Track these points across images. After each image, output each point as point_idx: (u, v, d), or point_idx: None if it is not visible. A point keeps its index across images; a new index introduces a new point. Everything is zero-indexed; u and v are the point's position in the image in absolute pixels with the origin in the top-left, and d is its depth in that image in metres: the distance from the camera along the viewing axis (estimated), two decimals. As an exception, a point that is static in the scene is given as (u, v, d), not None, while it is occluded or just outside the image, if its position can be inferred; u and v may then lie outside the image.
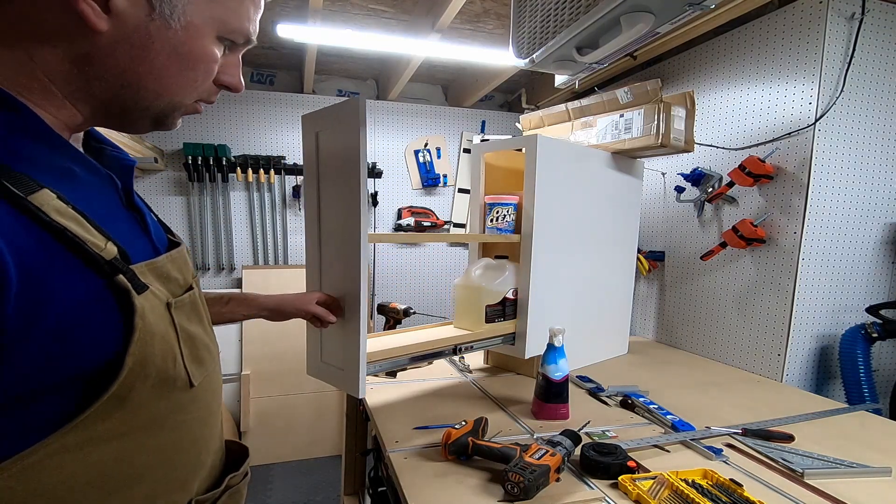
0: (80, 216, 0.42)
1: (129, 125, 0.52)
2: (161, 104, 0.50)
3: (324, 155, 1.08)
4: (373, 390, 1.42)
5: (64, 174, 0.45)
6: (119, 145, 0.56)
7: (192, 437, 0.55)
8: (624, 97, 1.58)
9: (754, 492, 0.88)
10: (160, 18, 0.45)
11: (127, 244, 0.46)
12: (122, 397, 0.44)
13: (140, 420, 0.46)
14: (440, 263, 3.27)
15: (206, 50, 0.50)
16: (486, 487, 0.90)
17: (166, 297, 0.49)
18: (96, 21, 0.42)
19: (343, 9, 2.10)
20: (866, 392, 1.45)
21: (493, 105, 3.40)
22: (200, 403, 0.55)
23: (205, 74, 0.51)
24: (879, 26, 1.48)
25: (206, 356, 0.56)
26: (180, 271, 0.54)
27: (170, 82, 0.49)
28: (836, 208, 1.53)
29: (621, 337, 1.89)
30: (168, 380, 0.48)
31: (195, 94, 0.53)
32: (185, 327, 0.52)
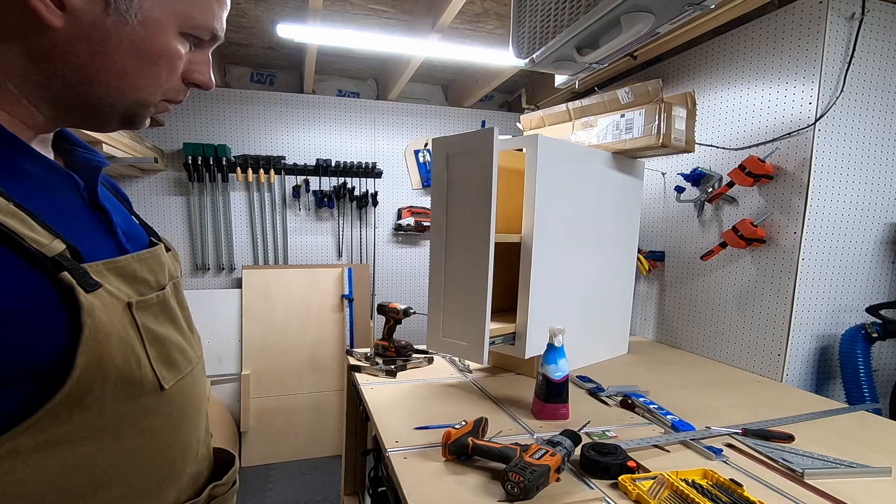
0: (25, 213, 0.41)
1: (95, 124, 0.52)
2: (126, 103, 0.50)
3: (454, 173, 1.36)
4: (373, 390, 1.43)
5: (12, 172, 0.44)
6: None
7: (163, 443, 0.52)
8: (625, 97, 1.58)
9: (754, 492, 0.88)
10: (116, 14, 0.45)
11: (81, 243, 0.45)
12: (79, 398, 0.42)
13: (102, 423, 0.45)
14: (440, 263, 3.27)
15: (167, 46, 0.49)
16: (486, 487, 0.90)
17: (128, 297, 0.48)
18: (50, 17, 0.42)
19: (343, 9, 2.10)
20: (866, 392, 1.45)
21: (493, 105, 3.40)
22: (173, 408, 0.53)
23: (169, 72, 0.51)
24: (879, 26, 1.48)
25: (179, 359, 0.54)
26: (152, 272, 0.53)
27: (132, 80, 0.48)
28: (836, 208, 1.53)
29: (621, 337, 1.89)
30: (132, 382, 0.47)
31: (161, 93, 0.52)
32: (152, 328, 0.50)
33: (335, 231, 3.06)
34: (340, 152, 3.02)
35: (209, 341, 2.81)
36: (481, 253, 1.30)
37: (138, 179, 2.73)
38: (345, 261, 3.10)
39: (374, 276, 3.13)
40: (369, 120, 3.05)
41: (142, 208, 2.74)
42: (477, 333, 1.32)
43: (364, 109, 3.04)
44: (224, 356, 2.84)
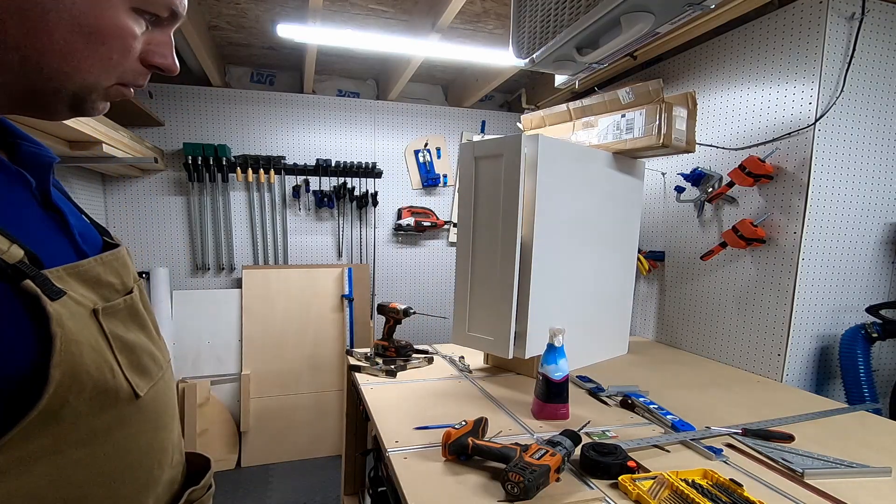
0: None
1: (41, 111, 0.47)
2: (72, 86, 0.45)
3: (482, 176, 1.44)
4: (373, 390, 1.43)
5: None
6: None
7: (140, 451, 0.51)
8: (625, 97, 1.58)
9: (754, 492, 0.88)
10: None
11: (38, 247, 0.42)
12: (54, 412, 0.40)
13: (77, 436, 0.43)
14: (440, 263, 3.27)
15: (116, 22, 0.44)
16: (486, 487, 0.90)
17: (93, 303, 0.45)
18: None
19: (343, 9, 2.10)
20: (866, 392, 1.45)
21: (493, 105, 3.40)
22: (149, 415, 0.51)
23: (121, 52, 0.46)
24: (879, 26, 1.48)
25: (150, 365, 0.52)
26: (117, 275, 0.50)
27: (78, 61, 0.44)
28: (836, 208, 1.53)
29: (621, 337, 1.89)
30: (108, 392, 0.44)
31: (114, 75, 0.47)
32: (120, 335, 0.47)
33: (335, 231, 3.06)
34: (340, 152, 3.02)
35: (209, 341, 2.81)
36: (508, 251, 1.38)
37: (138, 179, 2.73)
38: (345, 261, 3.10)
39: (374, 276, 3.13)
40: (369, 120, 3.05)
41: (142, 208, 2.74)
42: (503, 329, 1.41)
43: (364, 109, 3.04)
44: (224, 356, 2.84)
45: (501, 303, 1.41)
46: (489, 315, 1.45)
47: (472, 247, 1.49)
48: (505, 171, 1.38)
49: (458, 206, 1.50)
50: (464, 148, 1.49)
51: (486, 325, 1.47)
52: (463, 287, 1.52)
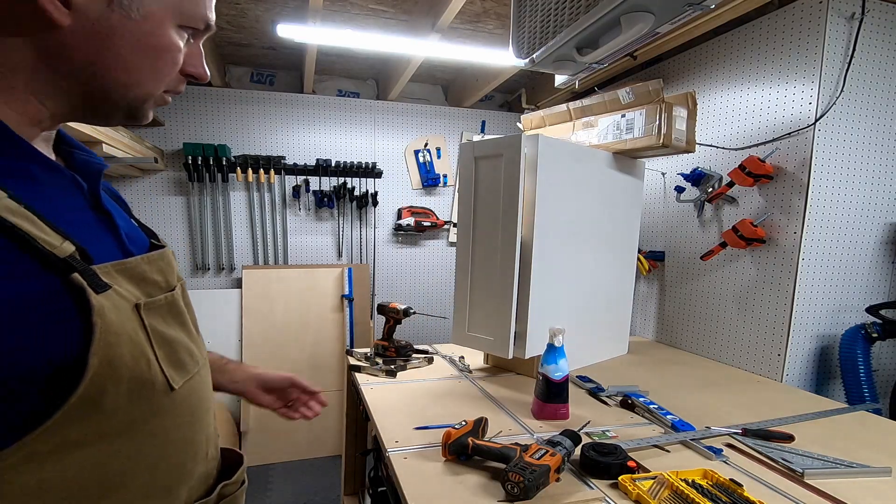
0: (35, 215, 0.42)
1: (100, 118, 0.52)
2: (131, 96, 0.50)
3: (482, 176, 1.44)
4: (373, 390, 1.42)
5: (21, 175, 0.45)
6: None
7: (175, 443, 0.53)
8: (625, 97, 1.58)
9: (754, 492, 0.88)
10: (119, 10, 0.45)
11: (89, 245, 0.45)
12: (94, 400, 0.42)
13: (116, 424, 0.45)
14: (440, 263, 3.27)
15: (169, 39, 0.50)
16: (486, 487, 0.90)
17: (136, 298, 0.48)
18: (58, 16, 0.42)
19: (343, 9, 2.10)
20: (866, 392, 1.45)
21: (493, 105, 3.40)
22: (184, 409, 0.54)
23: (171, 64, 0.52)
24: (879, 26, 1.48)
25: (187, 360, 0.55)
26: (161, 273, 0.54)
27: (138, 74, 0.49)
28: (836, 208, 1.53)
29: (621, 337, 1.89)
30: (144, 383, 0.47)
31: (163, 85, 0.52)
32: (160, 329, 0.50)
33: (335, 231, 3.06)
34: (340, 152, 3.02)
35: (209, 341, 2.79)
36: (507, 252, 1.38)
37: (138, 179, 2.73)
38: (345, 261, 3.10)
39: (374, 276, 3.13)
40: (369, 120, 3.05)
41: (142, 208, 2.74)
42: (503, 329, 1.41)
43: (364, 109, 3.04)
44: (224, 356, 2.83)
45: (501, 303, 1.41)
46: (489, 315, 1.45)
47: (472, 247, 1.48)
48: (505, 171, 1.37)
49: (457, 206, 1.49)
50: (464, 148, 1.49)
51: (485, 325, 1.47)
52: (463, 287, 1.52)
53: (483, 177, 1.45)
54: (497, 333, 1.43)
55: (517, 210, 1.35)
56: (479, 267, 1.48)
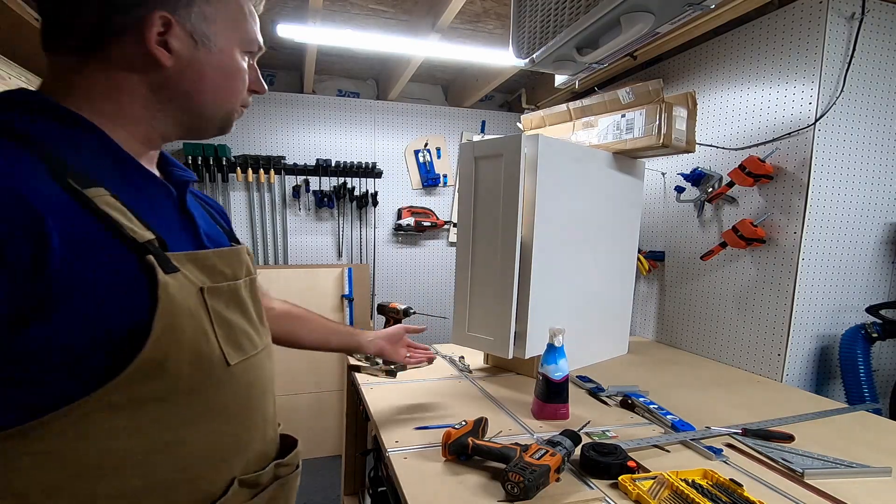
0: (128, 210, 0.52)
1: (199, 133, 0.66)
2: (221, 113, 0.64)
3: (482, 176, 1.44)
4: (373, 390, 1.43)
5: (124, 181, 0.56)
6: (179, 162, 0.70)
7: (230, 417, 0.61)
8: (625, 97, 1.58)
9: (754, 492, 0.88)
10: (203, 48, 0.59)
11: (168, 237, 0.55)
12: (159, 363, 0.51)
13: (179, 389, 0.54)
14: (440, 263, 3.27)
15: (239, 64, 0.64)
16: (486, 487, 0.90)
17: (202, 283, 0.57)
18: (165, 60, 0.56)
19: (343, 9, 2.10)
20: (866, 392, 1.45)
21: (493, 105, 3.40)
22: (239, 384, 0.62)
23: (242, 84, 0.65)
24: (879, 26, 1.48)
25: (245, 343, 0.63)
26: (230, 266, 0.64)
27: (223, 95, 0.63)
28: (836, 208, 1.53)
29: (621, 337, 1.89)
30: (202, 355, 0.56)
31: (239, 101, 0.66)
32: (220, 311, 0.59)
33: (335, 231, 3.06)
34: (340, 152, 3.02)
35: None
36: (507, 252, 1.37)
37: (138, 179, 2.73)
38: (345, 261, 3.10)
39: (374, 276, 3.13)
40: (369, 120, 3.05)
41: (142, 208, 2.74)
42: (503, 329, 1.40)
43: (364, 109, 3.04)
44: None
45: (501, 303, 1.41)
46: (489, 315, 1.45)
47: (472, 247, 1.48)
48: (505, 171, 1.37)
49: (457, 206, 1.50)
50: (464, 148, 1.48)
51: (485, 325, 1.46)
52: (463, 287, 1.52)
53: (483, 177, 1.44)
54: (497, 333, 1.43)
55: (517, 210, 1.35)
56: (479, 267, 1.47)
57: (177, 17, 0.56)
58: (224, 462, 0.60)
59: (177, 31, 0.56)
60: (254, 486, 0.64)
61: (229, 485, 0.60)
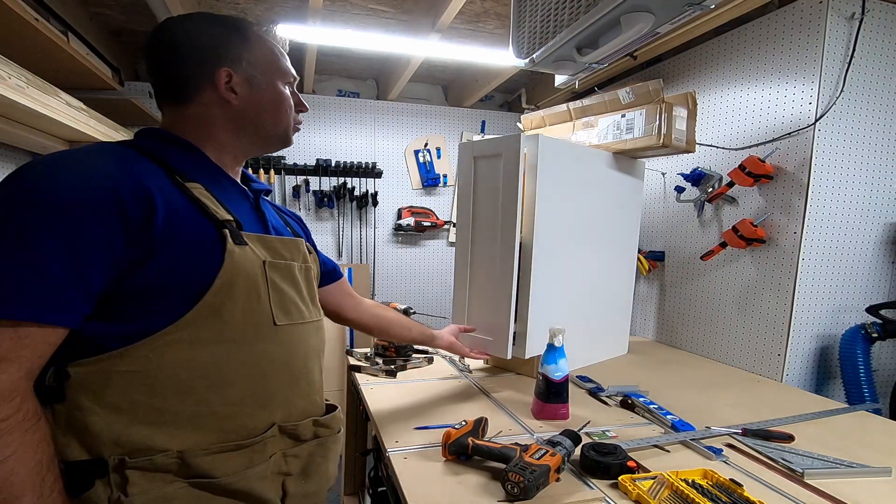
0: (215, 199, 0.73)
1: (268, 148, 0.86)
2: (279, 130, 0.84)
3: (481, 176, 1.44)
4: (373, 390, 1.42)
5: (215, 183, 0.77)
6: None
7: (273, 369, 0.75)
8: (625, 97, 1.58)
9: (754, 492, 0.88)
10: (256, 87, 0.79)
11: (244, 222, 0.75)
12: (216, 309, 0.67)
13: (231, 334, 0.69)
14: (440, 263, 3.27)
15: (283, 94, 0.83)
16: (486, 487, 0.90)
17: (264, 257, 0.75)
18: (233, 100, 0.78)
19: (343, 9, 2.10)
20: (866, 392, 1.45)
21: (493, 105, 3.40)
22: (284, 343, 0.77)
23: (289, 107, 0.84)
24: (879, 26, 1.48)
25: (294, 312, 0.79)
26: (289, 251, 0.81)
27: (276, 118, 0.83)
28: (836, 208, 1.53)
29: (621, 337, 1.89)
30: (252, 310, 0.72)
31: (292, 120, 0.85)
32: (276, 281, 0.76)
33: (335, 231, 3.06)
34: (340, 152, 3.02)
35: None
36: (506, 252, 1.37)
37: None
38: (345, 261, 3.10)
39: (374, 276, 3.13)
40: (369, 120, 3.05)
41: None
42: (502, 329, 1.40)
43: (364, 109, 3.04)
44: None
45: (500, 303, 1.40)
46: (488, 315, 1.45)
47: (471, 247, 1.48)
48: (504, 171, 1.36)
49: (457, 206, 1.49)
50: (463, 148, 1.48)
51: (484, 326, 1.46)
52: (462, 287, 1.52)
53: (482, 177, 1.44)
54: (496, 334, 1.43)
55: (516, 210, 1.34)
56: (478, 267, 1.47)
57: (234, 69, 0.77)
58: (265, 408, 0.74)
59: (236, 79, 0.77)
60: (294, 437, 0.78)
61: (269, 427, 0.74)
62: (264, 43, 0.82)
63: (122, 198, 0.62)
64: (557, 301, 1.51)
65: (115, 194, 0.62)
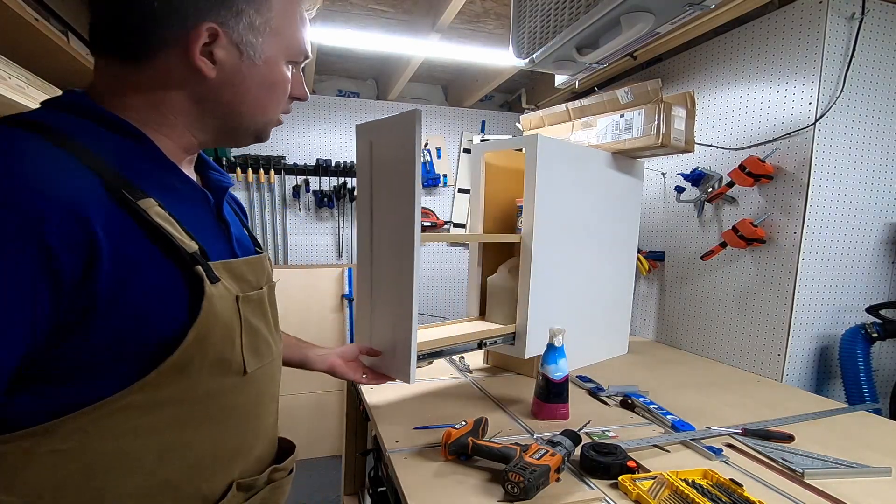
0: (174, 220, 0.53)
1: (236, 142, 0.66)
2: (258, 123, 0.64)
3: (378, 163, 1.15)
4: (373, 390, 1.42)
5: (167, 189, 0.56)
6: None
7: (239, 421, 0.62)
8: (624, 97, 1.58)
9: (754, 492, 0.88)
10: (248, 60, 0.58)
11: (207, 245, 0.56)
12: (181, 368, 0.52)
13: (196, 394, 0.55)
14: (440, 263, 3.27)
15: (282, 75, 0.62)
16: (486, 487, 0.90)
17: (236, 292, 0.59)
18: (208, 71, 0.55)
19: (343, 9, 2.10)
20: (866, 392, 1.45)
21: (493, 105, 3.40)
22: (252, 392, 0.63)
23: (283, 93, 0.64)
24: (879, 26, 1.48)
25: (264, 350, 0.65)
26: (254, 274, 0.65)
27: (262, 106, 0.62)
28: (836, 208, 1.53)
29: (621, 337, 1.89)
30: (224, 362, 0.57)
31: (280, 110, 0.65)
32: (249, 320, 0.61)
33: (335, 231, 3.06)
34: (340, 152, 3.02)
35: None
36: (406, 255, 1.06)
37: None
38: (345, 261, 3.10)
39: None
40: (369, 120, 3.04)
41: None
42: (403, 347, 1.10)
43: (364, 109, 3.04)
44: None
45: (401, 315, 1.10)
46: (390, 331, 1.14)
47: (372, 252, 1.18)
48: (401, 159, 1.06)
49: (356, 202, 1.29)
50: (359, 130, 1.19)
51: (387, 343, 1.16)
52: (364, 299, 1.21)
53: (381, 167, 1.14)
54: (398, 353, 1.12)
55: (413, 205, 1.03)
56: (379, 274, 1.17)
57: (224, 28, 0.55)
58: (227, 467, 0.61)
59: (223, 41, 0.55)
60: (249, 489, 0.64)
61: (228, 488, 0.60)
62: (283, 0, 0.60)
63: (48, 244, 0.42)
64: (557, 301, 1.51)
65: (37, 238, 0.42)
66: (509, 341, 1.44)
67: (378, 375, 1.13)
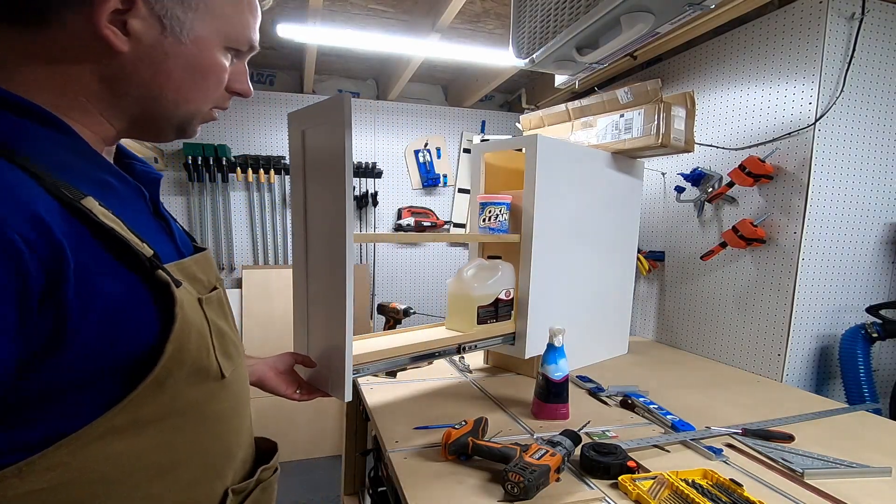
0: (120, 221, 0.46)
1: (155, 135, 0.57)
2: (181, 114, 0.55)
3: (310, 154, 1.02)
4: (373, 390, 1.42)
5: (101, 185, 0.49)
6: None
7: (224, 427, 0.58)
8: (624, 97, 1.58)
9: (754, 492, 0.88)
10: (172, 36, 0.49)
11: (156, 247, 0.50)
12: (160, 383, 0.47)
13: (177, 406, 0.50)
14: (440, 263, 3.27)
15: (215, 61, 0.54)
16: (486, 487, 0.90)
17: (197, 294, 0.54)
18: (118, 43, 0.46)
19: (343, 9, 2.10)
20: (866, 392, 1.45)
21: (493, 105, 3.40)
22: (231, 395, 0.59)
23: (216, 83, 0.56)
24: (879, 26, 1.48)
25: (233, 351, 0.60)
26: (205, 273, 0.59)
27: (187, 93, 0.53)
28: (836, 208, 1.53)
29: (621, 337, 1.89)
30: (201, 370, 0.52)
31: (210, 102, 0.57)
32: (216, 322, 0.56)
33: (335, 231, 3.06)
34: (340, 152, 3.01)
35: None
36: (337, 253, 0.96)
37: (138, 179, 2.73)
38: (345, 261, 3.09)
39: (373, 276, 3.13)
40: (369, 120, 3.05)
41: (142, 208, 2.74)
42: (338, 360, 1.00)
43: (364, 109, 3.04)
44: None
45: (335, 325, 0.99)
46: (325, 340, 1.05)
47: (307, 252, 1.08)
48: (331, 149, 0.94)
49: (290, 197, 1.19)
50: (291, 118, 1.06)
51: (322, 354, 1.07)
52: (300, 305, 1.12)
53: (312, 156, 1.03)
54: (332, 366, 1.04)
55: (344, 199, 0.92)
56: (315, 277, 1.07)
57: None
58: (219, 475, 0.58)
59: (141, 10, 0.46)
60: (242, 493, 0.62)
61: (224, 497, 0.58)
62: None
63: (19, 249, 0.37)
64: (557, 301, 1.51)
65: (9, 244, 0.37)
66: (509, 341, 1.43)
67: (314, 390, 1.04)
